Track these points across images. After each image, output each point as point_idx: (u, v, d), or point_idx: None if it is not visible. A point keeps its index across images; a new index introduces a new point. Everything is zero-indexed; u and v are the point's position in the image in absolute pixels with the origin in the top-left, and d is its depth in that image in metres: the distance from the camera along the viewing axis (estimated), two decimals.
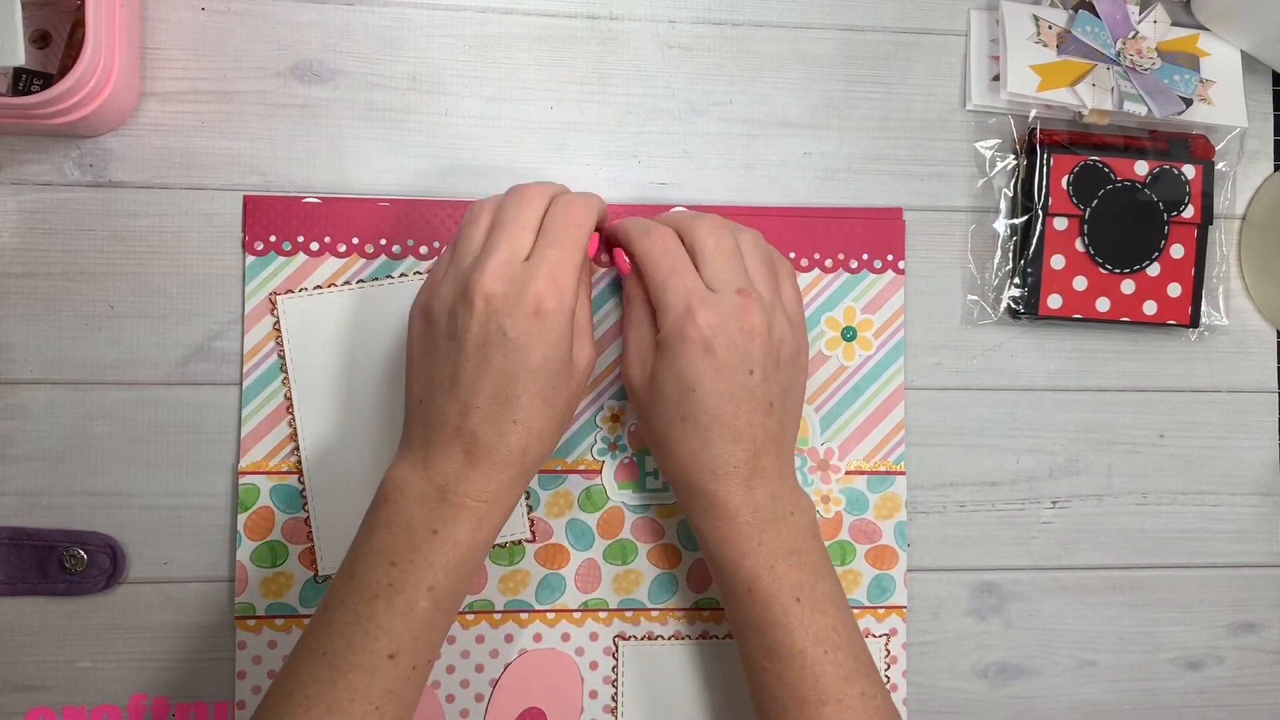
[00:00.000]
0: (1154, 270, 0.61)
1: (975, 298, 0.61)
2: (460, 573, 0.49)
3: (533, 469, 0.51)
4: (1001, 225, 0.62)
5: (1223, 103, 0.62)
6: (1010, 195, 0.62)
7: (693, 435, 0.51)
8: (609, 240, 0.56)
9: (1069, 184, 0.60)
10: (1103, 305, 0.61)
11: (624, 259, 0.55)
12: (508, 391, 0.49)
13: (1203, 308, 0.62)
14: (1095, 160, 0.60)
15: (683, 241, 0.53)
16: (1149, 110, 0.60)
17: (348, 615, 0.47)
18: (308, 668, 0.47)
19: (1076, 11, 0.61)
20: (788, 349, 0.52)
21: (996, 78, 0.61)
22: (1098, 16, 0.61)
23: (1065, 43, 0.61)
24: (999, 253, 0.62)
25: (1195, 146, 0.62)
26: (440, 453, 0.49)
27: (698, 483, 0.51)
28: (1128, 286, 0.61)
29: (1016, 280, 0.61)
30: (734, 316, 0.50)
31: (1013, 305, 0.61)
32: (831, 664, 0.50)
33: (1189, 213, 0.61)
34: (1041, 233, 0.60)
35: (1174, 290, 0.62)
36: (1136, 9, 0.62)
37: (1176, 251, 0.61)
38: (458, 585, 0.49)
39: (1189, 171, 0.61)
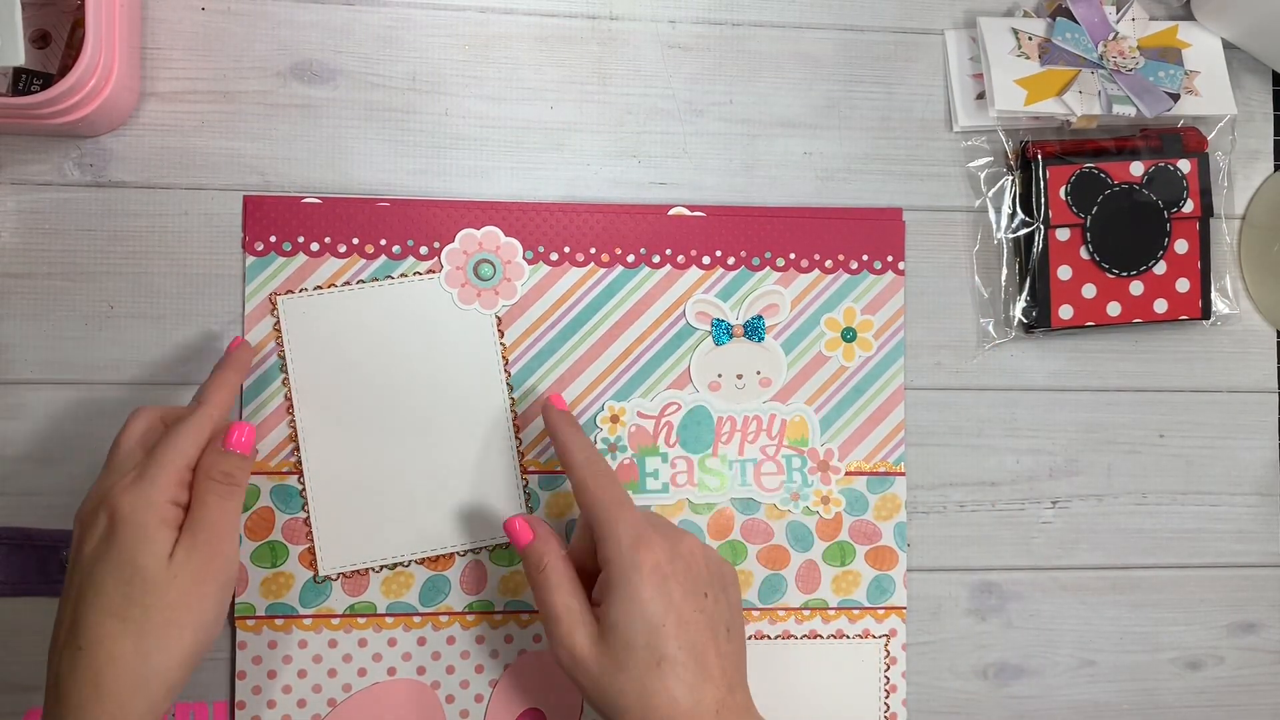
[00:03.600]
0: (1160, 269, 0.61)
1: (987, 320, 0.61)
2: None
3: (136, 700, 0.44)
4: (1004, 241, 0.62)
5: (1209, 92, 0.62)
6: (1009, 211, 0.61)
7: (672, 680, 0.46)
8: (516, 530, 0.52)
9: (1067, 194, 0.60)
10: (1114, 310, 0.61)
11: (522, 527, 0.51)
12: (76, 614, 0.45)
13: (1213, 297, 0.62)
14: (1091, 167, 0.60)
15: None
16: (1138, 111, 0.59)
17: None
18: None
19: (1054, 19, 0.61)
20: (724, 575, 0.51)
21: (980, 95, 0.61)
22: (1076, 21, 0.61)
23: (1047, 52, 0.60)
24: (1005, 270, 0.62)
25: (1188, 140, 0.62)
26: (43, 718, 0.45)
27: None
28: (1136, 288, 0.61)
29: (1026, 297, 0.61)
30: (678, 546, 0.49)
31: (1024, 322, 0.61)
32: None
33: (1189, 207, 0.61)
34: (1045, 246, 0.60)
35: (1182, 285, 0.62)
36: (1113, 9, 0.62)
37: (1180, 247, 0.61)
38: None
39: (1184, 166, 0.61)
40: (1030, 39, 0.61)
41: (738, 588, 0.52)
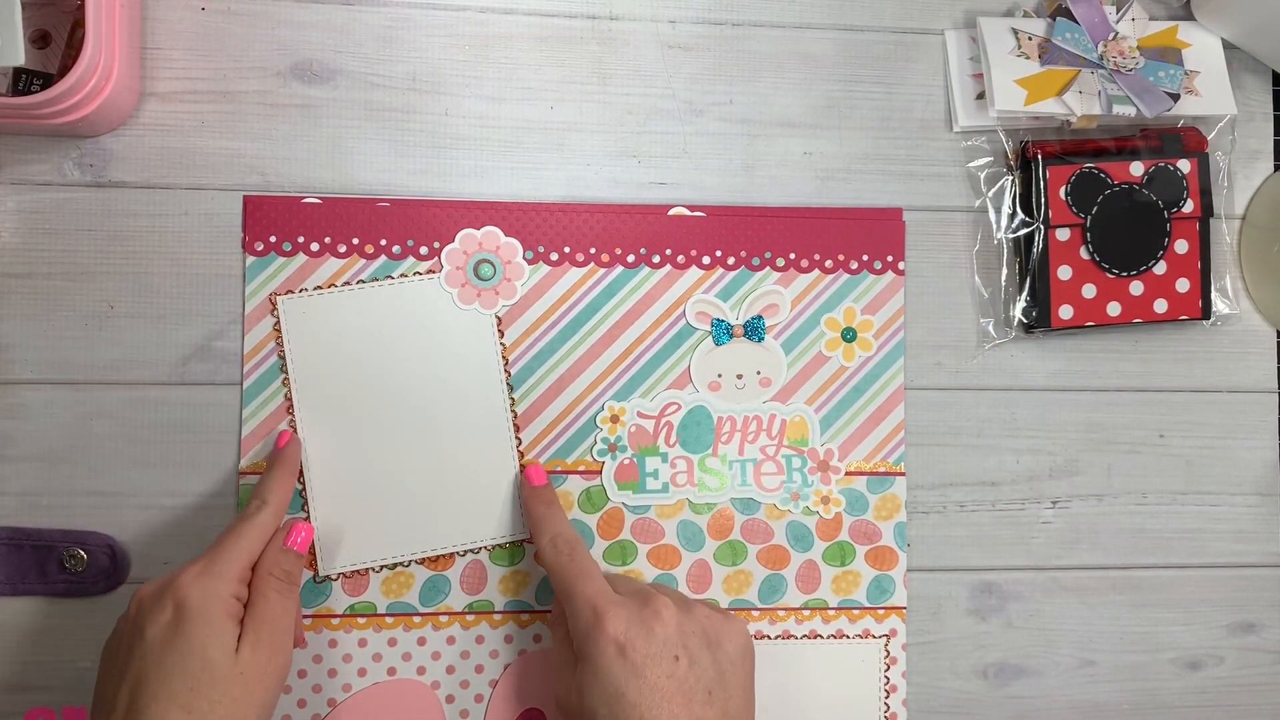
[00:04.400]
0: (1160, 269, 0.61)
1: (987, 320, 0.61)
2: None
3: None
4: (1004, 241, 0.62)
5: (1209, 92, 0.62)
6: (1009, 211, 0.61)
7: None
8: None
9: (1067, 194, 0.60)
10: (1114, 310, 0.61)
11: None
12: (136, 700, 0.45)
13: (1213, 297, 0.62)
14: (1090, 167, 0.60)
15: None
16: (1138, 111, 0.59)
17: None
18: None
19: (1054, 19, 0.61)
20: (714, 632, 0.50)
21: (980, 95, 0.61)
22: (1076, 21, 0.61)
23: (1047, 52, 0.60)
24: (1005, 270, 0.62)
25: (1188, 140, 0.62)
26: None
27: None
28: (1136, 288, 0.61)
29: (1026, 297, 0.61)
30: (643, 611, 0.49)
31: (1024, 322, 0.61)
32: None
33: (1189, 207, 0.61)
34: (1045, 246, 0.60)
35: (1182, 285, 0.62)
36: (1114, 9, 0.62)
37: (1180, 247, 0.61)
38: None
39: (1184, 166, 0.61)
40: (1030, 39, 0.61)
41: (738, 644, 0.51)
